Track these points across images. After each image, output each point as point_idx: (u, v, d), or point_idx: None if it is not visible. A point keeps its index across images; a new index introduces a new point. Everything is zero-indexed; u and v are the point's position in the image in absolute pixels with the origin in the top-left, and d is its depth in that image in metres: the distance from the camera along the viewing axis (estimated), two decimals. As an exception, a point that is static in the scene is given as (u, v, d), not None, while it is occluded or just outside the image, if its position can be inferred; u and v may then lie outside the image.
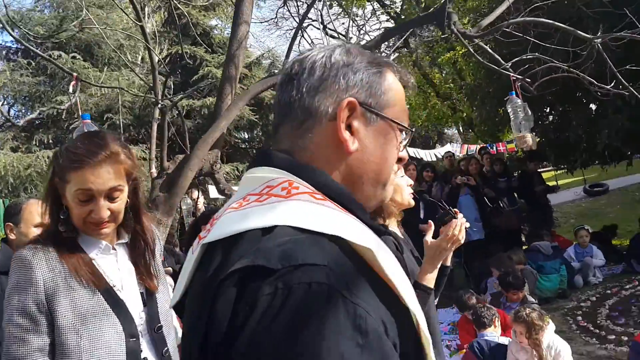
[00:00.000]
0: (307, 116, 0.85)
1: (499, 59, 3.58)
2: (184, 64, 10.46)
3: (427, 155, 11.21)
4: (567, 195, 16.46)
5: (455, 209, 2.12)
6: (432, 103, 14.88)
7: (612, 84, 3.71)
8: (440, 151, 11.57)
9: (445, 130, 21.47)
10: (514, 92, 3.54)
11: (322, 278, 0.65)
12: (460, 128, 18.09)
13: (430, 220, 2.09)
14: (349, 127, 0.84)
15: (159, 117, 4.26)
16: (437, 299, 2.09)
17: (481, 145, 10.32)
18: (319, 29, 10.10)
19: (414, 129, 0.96)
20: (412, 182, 2.14)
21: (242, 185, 0.87)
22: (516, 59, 3.61)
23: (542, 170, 10.91)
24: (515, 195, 7.63)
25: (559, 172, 17.50)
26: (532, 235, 7.00)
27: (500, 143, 10.63)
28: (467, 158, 8.03)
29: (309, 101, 0.85)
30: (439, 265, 1.94)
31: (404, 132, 0.91)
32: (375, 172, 0.88)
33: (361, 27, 13.62)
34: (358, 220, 0.80)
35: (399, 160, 0.93)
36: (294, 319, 0.63)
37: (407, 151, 11.04)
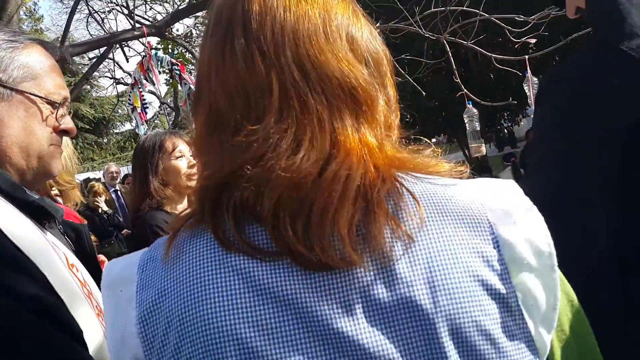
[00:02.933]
0: None
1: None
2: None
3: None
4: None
5: None
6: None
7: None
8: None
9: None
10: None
11: None
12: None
13: None
14: None
15: None
16: None
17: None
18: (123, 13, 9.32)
19: (61, 102, 0.97)
20: (192, 164, 2.09)
21: None
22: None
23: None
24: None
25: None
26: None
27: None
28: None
29: None
30: None
31: (57, 105, 0.94)
32: (21, 146, 0.89)
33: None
34: None
35: (65, 132, 0.96)
36: None
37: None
